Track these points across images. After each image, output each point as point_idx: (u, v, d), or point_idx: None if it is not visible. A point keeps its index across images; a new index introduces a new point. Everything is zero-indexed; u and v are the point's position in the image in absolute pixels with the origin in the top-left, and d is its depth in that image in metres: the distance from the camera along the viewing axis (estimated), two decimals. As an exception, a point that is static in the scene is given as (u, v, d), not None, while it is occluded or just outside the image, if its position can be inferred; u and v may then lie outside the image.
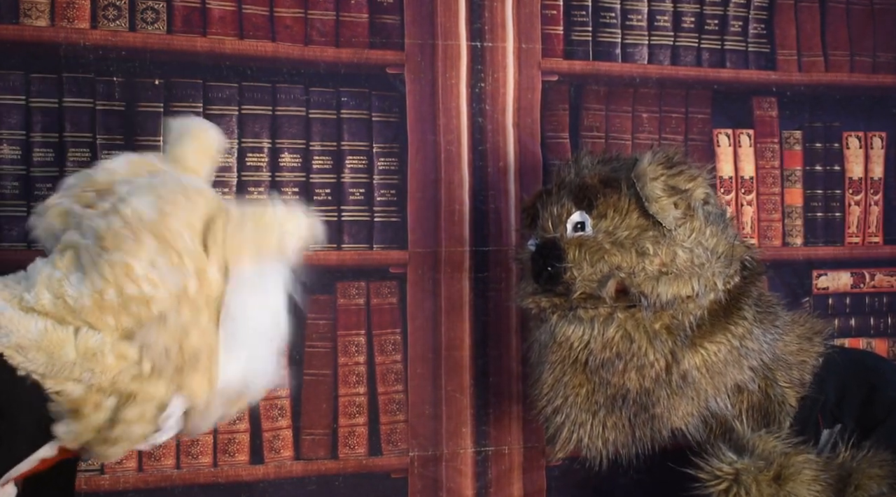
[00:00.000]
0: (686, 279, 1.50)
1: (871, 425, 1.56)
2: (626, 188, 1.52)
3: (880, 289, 2.13)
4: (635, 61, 1.98)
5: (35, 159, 1.64)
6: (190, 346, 1.22)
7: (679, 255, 1.51)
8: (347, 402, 1.80)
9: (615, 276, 1.50)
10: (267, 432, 1.75)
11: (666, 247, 1.51)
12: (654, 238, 1.51)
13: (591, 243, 1.51)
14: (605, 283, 1.50)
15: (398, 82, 1.83)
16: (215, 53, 1.73)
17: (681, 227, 1.51)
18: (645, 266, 1.50)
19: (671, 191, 1.51)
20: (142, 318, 1.22)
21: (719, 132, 2.02)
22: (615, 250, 1.50)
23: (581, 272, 1.50)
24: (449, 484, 1.84)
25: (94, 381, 1.21)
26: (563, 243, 1.52)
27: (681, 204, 1.51)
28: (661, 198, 1.50)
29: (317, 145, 1.79)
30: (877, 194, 2.13)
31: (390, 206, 1.82)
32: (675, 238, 1.51)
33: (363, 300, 1.81)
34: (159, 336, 1.21)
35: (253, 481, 1.74)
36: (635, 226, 1.51)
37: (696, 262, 1.51)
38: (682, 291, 1.50)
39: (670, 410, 1.53)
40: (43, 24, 1.64)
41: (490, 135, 1.88)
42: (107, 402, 1.24)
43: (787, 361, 1.61)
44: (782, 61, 2.06)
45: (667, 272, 1.50)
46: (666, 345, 1.52)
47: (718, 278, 1.53)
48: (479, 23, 1.87)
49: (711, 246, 1.53)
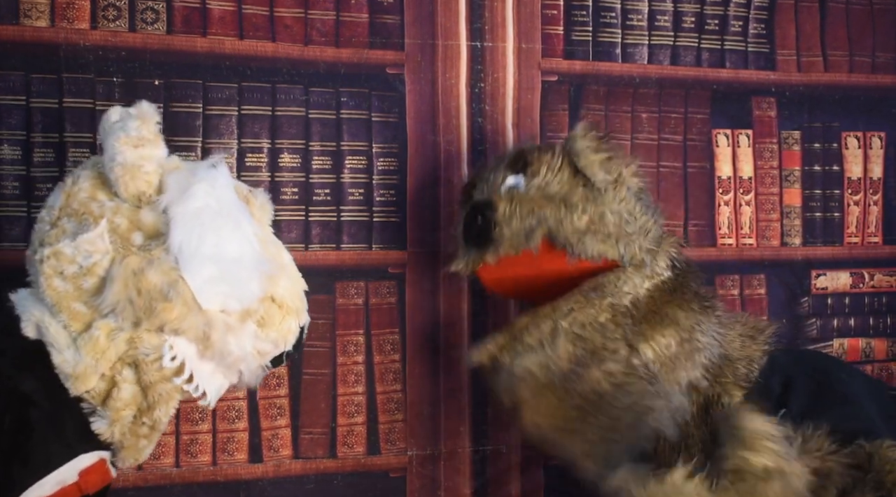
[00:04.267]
0: (612, 241, 1.52)
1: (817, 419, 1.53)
2: (560, 149, 1.56)
3: (879, 289, 2.13)
4: (635, 61, 1.98)
5: (35, 159, 1.65)
6: (149, 284, 1.23)
7: (607, 215, 1.52)
8: (346, 402, 1.80)
9: (542, 226, 1.51)
10: (266, 431, 1.75)
11: (595, 206, 1.52)
12: (583, 195, 1.52)
13: (522, 197, 1.53)
14: (533, 235, 1.52)
15: (398, 82, 1.83)
16: (215, 53, 1.73)
17: (610, 191, 1.53)
18: (573, 219, 1.51)
19: (600, 153, 1.53)
20: (98, 286, 1.25)
21: (718, 132, 2.02)
22: (544, 202, 1.52)
23: (510, 227, 1.52)
24: (447, 483, 1.85)
25: (103, 365, 1.25)
26: (494, 201, 1.54)
27: (612, 171, 1.54)
28: (591, 155, 1.53)
29: (316, 145, 1.79)
30: (876, 194, 2.13)
31: (390, 206, 1.83)
32: (605, 199, 1.52)
33: (362, 300, 1.81)
34: (116, 292, 1.23)
35: (252, 480, 1.75)
36: (567, 180, 1.53)
37: (623, 228, 1.53)
38: (608, 251, 1.52)
39: (644, 409, 1.50)
40: (43, 25, 1.64)
41: (490, 135, 1.88)
42: (123, 375, 1.27)
43: (732, 357, 1.58)
44: (782, 61, 2.06)
45: (594, 231, 1.51)
46: (617, 332, 1.51)
47: (645, 255, 1.54)
48: (479, 23, 1.87)
49: (641, 222, 1.55)
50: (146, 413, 1.32)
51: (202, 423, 1.72)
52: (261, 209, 1.40)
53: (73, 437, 1.28)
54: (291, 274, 1.41)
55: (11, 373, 1.27)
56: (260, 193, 1.42)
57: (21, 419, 1.26)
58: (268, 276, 1.33)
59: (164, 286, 1.23)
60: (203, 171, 1.31)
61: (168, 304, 1.23)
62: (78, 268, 1.24)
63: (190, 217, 1.26)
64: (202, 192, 1.27)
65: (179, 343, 1.28)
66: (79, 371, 1.24)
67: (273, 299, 1.36)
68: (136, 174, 1.26)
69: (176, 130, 1.70)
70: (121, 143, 1.24)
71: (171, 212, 1.26)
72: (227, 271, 1.27)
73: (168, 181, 1.28)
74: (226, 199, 1.30)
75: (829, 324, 2.09)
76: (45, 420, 1.26)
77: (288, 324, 1.38)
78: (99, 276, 1.24)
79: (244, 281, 1.29)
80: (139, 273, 1.23)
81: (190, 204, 1.26)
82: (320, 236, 1.79)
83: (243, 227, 1.31)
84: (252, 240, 1.31)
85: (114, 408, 1.28)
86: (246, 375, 1.37)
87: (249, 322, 1.32)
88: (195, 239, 1.25)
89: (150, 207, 1.28)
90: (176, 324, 1.25)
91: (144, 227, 1.28)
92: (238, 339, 1.30)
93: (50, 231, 1.30)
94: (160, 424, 1.36)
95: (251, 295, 1.30)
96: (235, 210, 1.31)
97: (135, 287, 1.22)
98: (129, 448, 1.34)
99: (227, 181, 1.33)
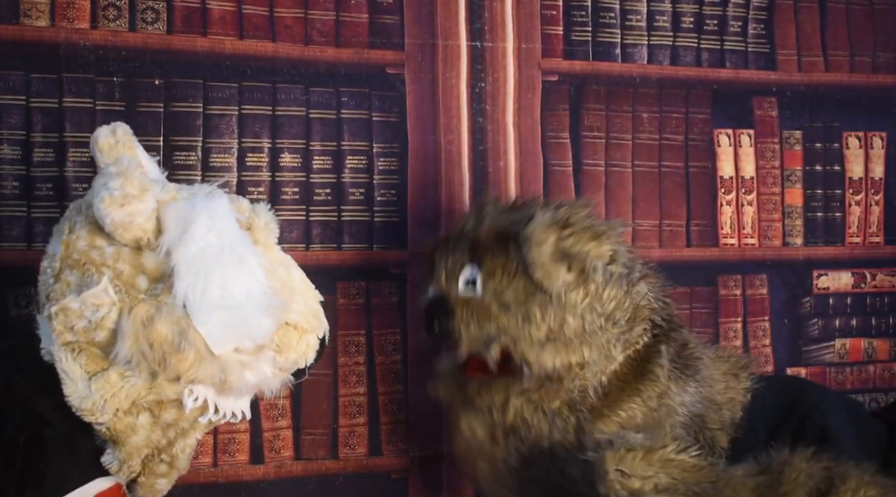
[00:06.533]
0: (576, 347, 1.41)
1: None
2: (514, 250, 1.42)
3: (881, 289, 2.12)
4: (635, 61, 1.98)
5: (35, 159, 1.64)
6: (160, 336, 1.20)
7: (568, 321, 1.40)
8: (348, 402, 1.80)
9: (499, 340, 1.42)
10: (267, 432, 1.75)
11: (554, 312, 1.40)
12: (541, 303, 1.40)
13: (478, 305, 1.44)
14: (490, 346, 1.43)
15: (398, 82, 1.83)
16: (215, 53, 1.73)
17: (572, 291, 1.41)
18: (530, 332, 1.40)
19: (561, 255, 1.41)
20: (110, 338, 1.23)
21: (719, 132, 2.02)
22: (501, 313, 1.42)
23: (468, 332, 1.44)
24: (449, 484, 1.84)
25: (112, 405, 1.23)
26: (451, 301, 1.46)
27: (574, 267, 1.41)
28: (547, 264, 1.40)
29: (317, 145, 1.79)
30: (877, 194, 2.13)
31: (390, 206, 1.82)
32: (566, 304, 1.40)
33: (363, 300, 1.81)
34: (128, 347, 1.21)
35: (253, 481, 1.74)
36: (522, 289, 1.42)
37: (587, 330, 1.41)
38: (571, 359, 1.41)
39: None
40: (43, 24, 1.64)
41: (490, 135, 1.88)
42: (139, 421, 1.26)
43: (716, 401, 1.52)
44: (782, 61, 2.06)
45: (554, 339, 1.41)
46: (569, 422, 1.44)
47: (615, 345, 1.44)
48: (479, 23, 1.87)
49: (609, 311, 1.43)
50: (165, 450, 1.32)
51: (203, 424, 1.71)
52: (265, 230, 1.35)
53: (88, 461, 1.28)
54: (304, 292, 1.37)
55: (29, 392, 1.27)
56: (262, 211, 1.36)
57: (36, 438, 1.25)
58: (278, 309, 1.29)
59: (175, 337, 1.20)
60: (201, 203, 1.26)
61: (181, 356, 1.21)
62: (87, 322, 1.21)
63: (193, 261, 1.22)
64: (202, 229, 1.23)
65: (198, 387, 1.26)
66: (86, 406, 1.22)
67: (287, 323, 1.33)
68: (128, 228, 1.22)
69: (176, 130, 1.70)
70: (106, 206, 1.20)
71: (174, 256, 1.22)
72: (236, 314, 1.23)
73: (166, 218, 1.24)
74: (227, 232, 1.26)
75: (831, 324, 2.09)
76: (59, 441, 1.26)
77: (306, 342, 1.35)
78: (109, 329, 1.22)
79: (254, 320, 1.26)
80: (148, 324, 1.20)
81: (191, 246, 1.22)
82: (321, 236, 1.78)
83: (248, 261, 1.26)
84: (258, 273, 1.27)
85: (126, 451, 1.27)
86: (268, 393, 1.35)
87: (266, 351, 1.29)
88: (201, 284, 1.22)
89: (152, 250, 1.25)
90: (191, 374, 1.22)
91: (148, 271, 1.25)
92: (256, 371, 1.28)
93: (54, 285, 1.27)
94: (178, 461, 1.35)
95: (264, 332, 1.27)
96: (238, 244, 1.27)
97: (146, 340, 1.20)
98: (144, 486, 1.34)
99: (227, 211, 1.28)
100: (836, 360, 2.08)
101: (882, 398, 2.11)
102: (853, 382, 2.09)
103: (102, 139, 1.30)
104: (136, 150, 1.32)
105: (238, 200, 1.37)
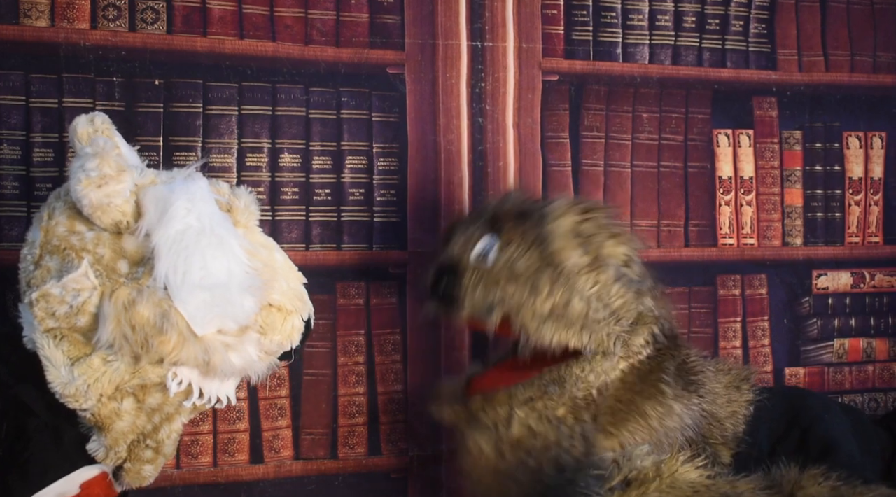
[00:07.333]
0: (576, 329, 1.42)
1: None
2: (534, 224, 1.46)
3: (880, 289, 2.13)
4: (636, 61, 1.98)
5: (35, 159, 1.64)
6: (141, 318, 1.20)
7: (574, 303, 1.42)
8: (347, 402, 1.80)
9: (503, 305, 1.43)
10: (266, 432, 1.75)
11: (562, 290, 1.42)
12: (551, 278, 1.42)
13: (487, 272, 1.45)
14: (492, 313, 1.44)
15: (398, 82, 1.83)
16: (215, 53, 1.73)
17: (584, 275, 1.44)
18: (535, 303, 1.42)
19: (577, 235, 1.44)
20: (91, 323, 1.22)
21: (719, 132, 2.02)
22: (510, 283, 1.43)
23: (472, 295, 1.45)
24: (449, 484, 1.84)
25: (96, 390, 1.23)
26: (461, 266, 1.47)
27: (590, 252, 1.44)
28: (564, 237, 1.44)
29: (317, 145, 1.79)
30: (877, 194, 2.13)
31: (390, 206, 1.82)
32: (575, 285, 1.42)
33: (363, 300, 1.81)
34: (110, 331, 1.20)
35: (252, 481, 1.74)
36: (536, 260, 1.44)
37: (591, 317, 1.43)
38: (569, 340, 1.43)
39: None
40: (43, 25, 1.64)
41: (490, 135, 1.88)
42: (124, 405, 1.26)
43: (718, 416, 1.53)
44: (783, 61, 2.06)
45: (557, 317, 1.42)
46: (574, 430, 1.44)
47: (615, 343, 1.44)
48: (480, 22, 1.87)
49: (615, 307, 1.44)
50: (150, 435, 1.32)
51: (203, 424, 1.71)
52: (245, 212, 1.35)
53: (73, 450, 1.28)
54: (286, 274, 1.38)
55: (11, 382, 1.27)
56: (243, 194, 1.37)
57: (19, 428, 1.25)
58: (260, 289, 1.30)
59: (157, 319, 1.20)
60: (180, 186, 1.26)
61: (163, 338, 1.21)
62: (68, 307, 1.21)
63: (173, 242, 1.22)
64: (181, 211, 1.23)
65: (182, 370, 1.26)
66: (69, 392, 1.22)
67: (271, 305, 1.33)
68: (106, 210, 1.22)
69: (176, 130, 1.70)
70: (83, 187, 1.20)
71: (154, 238, 1.22)
72: (217, 295, 1.23)
73: (145, 201, 1.24)
74: (206, 213, 1.26)
75: (830, 324, 2.09)
76: (43, 430, 1.26)
77: (290, 323, 1.36)
78: (91, 313, 1.22)
79: (237, 300, 1.26)
80: (130, 307, 1.20)
81: (171, 227, 1.23)
82: (321, 236, 1.78)
83: (228, 242, 1.27)
84: (239, 254, 1.27)
85: (111, 437, 1.27)
86: (254, 377, 1.35)
87: (250, 333, 1.30)
88: (181, 265, 1.22)
89: (132, 233, 1.25)
90: (174, 356, 1.22)
91: (128, 255, 1.25)
92: (240, 353, 1.28)
93: (34, 272, 1.27)
94: (164, 447, 1.35)
95: (246, 312, 1.27)
96: (218, 225, 1.27)
97: (128, 323, 1.20)
98: (131, 472, 1.33)
99: (206, 193, 1.28)
100: (835, 360, 2.09)
101: (881, 398, 2.11)
102: (852, 382, 2.09)
103: (81, 128, 1.29)
104: (114, 138, 1.30)
105: (217, 183, 1.36)
